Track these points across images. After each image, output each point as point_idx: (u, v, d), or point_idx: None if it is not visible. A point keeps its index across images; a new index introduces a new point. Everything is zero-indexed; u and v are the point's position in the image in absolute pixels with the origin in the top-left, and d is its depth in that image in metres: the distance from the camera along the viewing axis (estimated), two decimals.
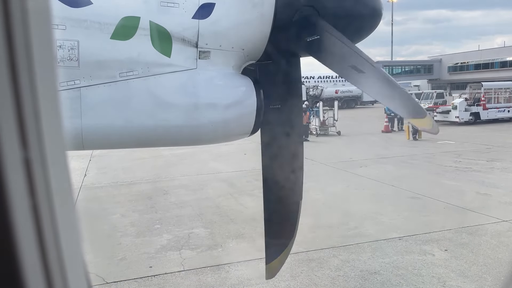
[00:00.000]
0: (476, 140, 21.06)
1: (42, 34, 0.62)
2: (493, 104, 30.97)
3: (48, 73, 0.64)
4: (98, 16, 2.75)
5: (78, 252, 0.70)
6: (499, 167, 14.21)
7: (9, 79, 0.57)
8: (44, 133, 0.61)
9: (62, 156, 0.66)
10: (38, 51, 0.61)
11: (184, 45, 2.93)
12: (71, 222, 0.67)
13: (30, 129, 0.59)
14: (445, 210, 9.38)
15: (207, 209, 9.98)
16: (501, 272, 6.11)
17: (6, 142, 0.56)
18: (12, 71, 0.57)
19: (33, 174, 0.59)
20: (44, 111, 0.61)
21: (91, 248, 7.30)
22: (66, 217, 0.65)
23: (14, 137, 0.58)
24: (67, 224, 0.65)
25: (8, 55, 0.57)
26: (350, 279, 6.13)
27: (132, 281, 6.25)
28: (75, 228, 0.69)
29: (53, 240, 0.61)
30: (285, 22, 3.15)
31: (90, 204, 10.68)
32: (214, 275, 6.39)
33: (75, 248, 0.68)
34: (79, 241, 0.70)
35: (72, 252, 0.66)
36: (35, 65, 0.60)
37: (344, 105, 48.14)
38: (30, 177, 0.59)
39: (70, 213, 0.67)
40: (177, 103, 3.01)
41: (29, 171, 0.59)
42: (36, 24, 0.60)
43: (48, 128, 0.62)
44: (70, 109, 2.75)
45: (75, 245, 0.68)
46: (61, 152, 0.66)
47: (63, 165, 0.66)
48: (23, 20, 0.58)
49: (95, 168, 15.74)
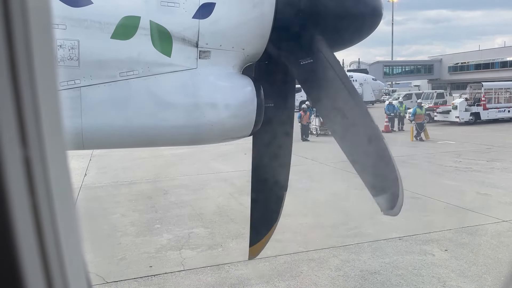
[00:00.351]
0: (476, 140, 21.05)
1: (42, 33, 0.62)
2: (494, 104, 30.95)
3: (48, 72, 0.64)
4: (98, 15, 2.75)
5: (78, 251, 0.70)
6: (499, 167, 14.20)
7: (9, 78, 0.57)
8: (44, 132, 0.61)
9: (62, 155, 0.66)
10: (38, 50, 0.61)
11: (185, 45, 2.93)
12: (71, 221, 0.67)
13: (30, 128, 0.59)
14: (445, 210, 9.38)
15: (207, 208, 9.98)
16: (501, 272, 6.11)
17: (6, 140, 0.56)
18: (12, 70, 0.57)
19: (33, 173, 0.59)
20: (44, 110, 0.61)
21: (91, 248, 7.31)
22: (66, 216, 0.65)
23: (14, 136, 0.57)
24: (67, 223, 0.65)
25: (8, 54, 0.57)
26: (350, 279, 6.13)
27: (132, 281, 6.25)
28: (75, 228, 0.69)
29: (53, 239, 0.61)
30: (286, 22, 3.15)
31: (90, 203, 10.68)
32: (214, 274, 6.39)
33: (75, 248, 0.68)
34: (79, 241, 0.70)
35: (72, 252, 0.66)
36: (35, 64, 0.60)
37: None
38: (30, 176, 0.59)
39: (70, 212, 0.67)
40: (177, 103, 3.01)
41: (29, 170, 0.59)
42: (36, 24, 0.60)
43: (48, 127, 0.61)
44: (71, 109, 2.75)
45: (75, 244, 0.68)
46: (61, 151, 0.65)
47: (63, 164, 0.66)
48: (23, 20, 0.58)
49: (95, 167, 15.74)
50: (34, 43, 0.59)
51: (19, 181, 0.58)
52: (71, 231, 0.67)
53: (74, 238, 0.67)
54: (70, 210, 0.67)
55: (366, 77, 55.97)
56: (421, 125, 22.56)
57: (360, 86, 52.76)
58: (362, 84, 53.19)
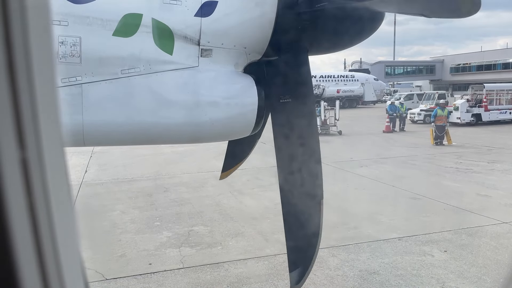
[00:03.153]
0: (477, 142, 21.03)
1: (41, 32, 0.61)
2: (495, 105, 30.92)
3: (47, 73, 0.63)
4: (100, 12, 2.75)
5: (75, 251, 0.69)
6: (500, 168, 14.19)
7: (6, 78, 0.56)
8: (42, 133, 0.60)
9: (60, 156, 0.65)
10: (36, 48, 0.60)
11: (186, 43, 2.93)
12: (68, 223, 0.66)
13: (28, 128, 0.59)
14: (445, 211, 9.38)
15: (207, 207, 9.98)
16: (501, 273, 6.11)
17: (3, 142, 0.56)
18: (10, 69, 0.57)
19: (30, 174, 0.59)
20: (42, 111, 0.60)
21: (91, 244, 7.32)
22: (63, 219, 0.64)
23: (12, 137, 0.57)
24: (64, 224, 0.64)
25: (5, 53, 0.56)
26: (349, 278, 6.13)
27: (132, 278, 6.26)
28: (73, 229, 0.68)
29: (50, 241, 0.61)
30: (288, 21, 3.15)
31: (90, 200, 10.70)
32: (213, 273, 6.40)
33: (72, 248, 0.67)
34: (76, 241, 0.69)
35: (69, 251, 0.65)
36: (33, 64, 0.59)
37: (345, 105, 48.15)
38: (27, 177, 0.58)
39: (68, 214, 0.66)
40: (179, 100, 3.01)
41: (26, 171, 0.58)
42: (34, 21, 0.60)
43: (46, 128, 0.61)
44: (72, 106, 2.75)
45: (72, 245, 0.68)
46: (59, 152, 0.65)
47: (61, 166, 0.65)
48: (21, 17, 0.58)
49: (96, 164, 15.76)
50: (32, 41, 0.59)
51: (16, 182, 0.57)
52: (68, 232, 0.66)
53: (71, 239, 0.67)
54: (68, 212, 0.66)
55: (368, 77, 55.95)
56: (441, 128, 20.59)
57: (362, 86, 52.78)
58: (364, 84, 53.19)
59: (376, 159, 16.14)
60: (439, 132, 20.62)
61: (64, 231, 0.64)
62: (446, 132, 20.70)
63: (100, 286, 5.99)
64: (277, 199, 3.52)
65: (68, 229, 0.66)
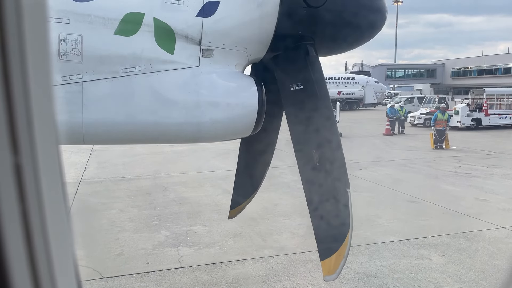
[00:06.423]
0: (476, 146, 21.03)
1: (37, 32, 0.60)
2: (495, 110, 30.94)
3: (43, 75, 0.62)
4: (102, 11, 2.75)
5: (69, 254, 0.68)
6: (499, 173, 14.19)
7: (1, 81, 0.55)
8: (36, 137, 0.59)
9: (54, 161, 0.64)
10: (32, 49, 0.59)
11: (188, 43, 2.93)
12: (62, 224, 0.65)
13: (22, 133, 0.57)
14: (443, 215, 9.38)
15: (206, 206, 9.98)
16: (498, 278, 6.11)
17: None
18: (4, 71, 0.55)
19: (24, 179, 0.58)
20: (36, 114, 0.59)
21: (89, 242, 7.31)
22: (57, 220, 0.63)
23: (5, 142, 0.56)
24: (58, 226, 0.63)
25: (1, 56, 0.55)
26: (347, 281, 6.12)
27: (129, 277, 6.25)
28: (66, 231, 0.67)
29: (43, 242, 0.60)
30: (289, 22, 3.15)
31: (89, 198, 10.69)
32: (211, 273, 6.40)
33: (65, 251, 0.66)
34: (70, 244, 0.68)
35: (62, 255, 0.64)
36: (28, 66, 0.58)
37: (346, 107, 48.16)
38: (21, 183, 0.58)
39: (61, 216, 0.65)
40: (179, 100, 3.01)
41: (19, 176, 0.57)
42: (30, 20, 0.58)
43: (40, 132, 0.60)
44: (72, 103, 2.75)
45: (66, 248, 0.66)
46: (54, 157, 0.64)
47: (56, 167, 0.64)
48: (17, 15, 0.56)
49: (96, 162, 15.75)
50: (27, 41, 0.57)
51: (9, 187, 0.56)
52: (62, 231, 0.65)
53: (64, 240, 0.66)
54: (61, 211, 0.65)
55: (369, 80, 55.99)
56: (441, 132, 20.53)
57: (363, 88, 52.80)
58: (365, 86, 53.22)
59: (375, 162, 16.14)
60: (439, 136, 20.57)
61: (58, 232, 0.63)
62: (445, 136, 20.72)
63: (97, 285, 5.98)
64: (276, 200, 3.52)
65: (62, 230, 0.65)
